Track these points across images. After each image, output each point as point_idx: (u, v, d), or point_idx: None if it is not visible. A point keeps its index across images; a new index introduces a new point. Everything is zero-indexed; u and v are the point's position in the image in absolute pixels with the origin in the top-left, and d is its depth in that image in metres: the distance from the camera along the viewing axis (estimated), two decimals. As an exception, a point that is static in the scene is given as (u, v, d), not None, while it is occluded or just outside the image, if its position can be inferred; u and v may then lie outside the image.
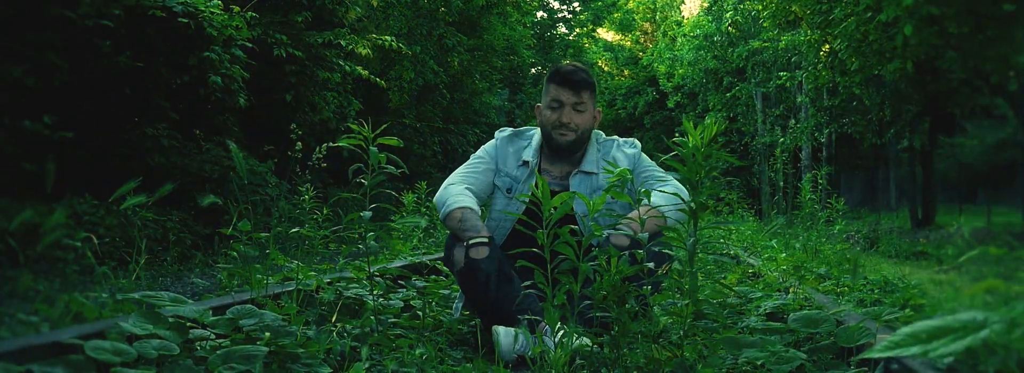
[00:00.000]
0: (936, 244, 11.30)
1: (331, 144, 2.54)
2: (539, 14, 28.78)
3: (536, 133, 3.46)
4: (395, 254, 5.01)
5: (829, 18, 13.06)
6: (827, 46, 14.54)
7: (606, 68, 36.32)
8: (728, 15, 23.33)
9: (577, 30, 31.92)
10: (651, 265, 2.27)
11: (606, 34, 36.90)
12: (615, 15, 34.38)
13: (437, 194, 3.31)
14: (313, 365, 2.15)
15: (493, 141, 3.50)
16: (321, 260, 4.83)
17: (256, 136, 9.76)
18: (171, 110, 7.96)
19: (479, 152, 3.49)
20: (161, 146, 7.59)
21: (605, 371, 2.20)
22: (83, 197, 6.52)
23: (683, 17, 33.07)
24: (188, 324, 2.22)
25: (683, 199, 2.25)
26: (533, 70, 27.62)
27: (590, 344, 2.28)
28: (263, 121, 9.91)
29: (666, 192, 2.55)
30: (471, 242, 2.98)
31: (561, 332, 2.26)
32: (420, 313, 2.92)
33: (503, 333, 2.85)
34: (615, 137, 3.51)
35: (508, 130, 3.54)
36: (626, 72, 36.17)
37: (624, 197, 2.31)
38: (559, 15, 31.08)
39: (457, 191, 3.27)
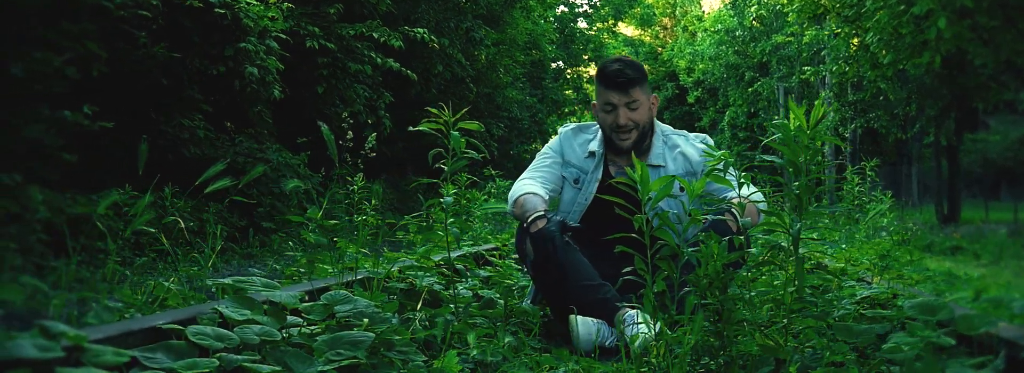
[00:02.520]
0: (970, 239, 11.19)
1: (411, 129, 2.48)
2: (560, 9, 28.65)
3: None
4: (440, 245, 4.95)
5: (860, 11, 12.92)
6: (856, 39, 14.40)
7: (625, 63, 36.08)
8: (752, 9, 23.16)
9: (598, 25, 31.78)
10: (753, 250, 2.20)
11: (625, 29, 36.77)
12: (635, 10, 34.26)
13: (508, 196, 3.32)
14: (408, 352, 2.09)
15: (557, 136, 3.53)
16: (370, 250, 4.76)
17: (288, 128, 9.72)
18: (203, 101, 7.91)
19: (544, 149, 3.52)
20: (197, 138, 7.54)
21: (707, 360, 2.13)
22: (123, 188, 6.48)
23: (703, 12, 32.91)
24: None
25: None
26: (554, 65, 27.50)
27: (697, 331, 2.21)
28: (294, 113, 9.86)
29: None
30: (530, 219, 2.98)
31: (659, 320, 2.19)
32: (500, 302, 2.86)
33: (581, 323, 2.79)
34: (684, 132, 3.47)
35: (572, 125, 3.56)
36: (646, 67, 36.02)
37: (725, 181, 2.24)
38: (580, 10, 30.93)
39: (523, 184, 3.30)
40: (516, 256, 4.81)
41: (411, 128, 2.64)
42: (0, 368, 1.40)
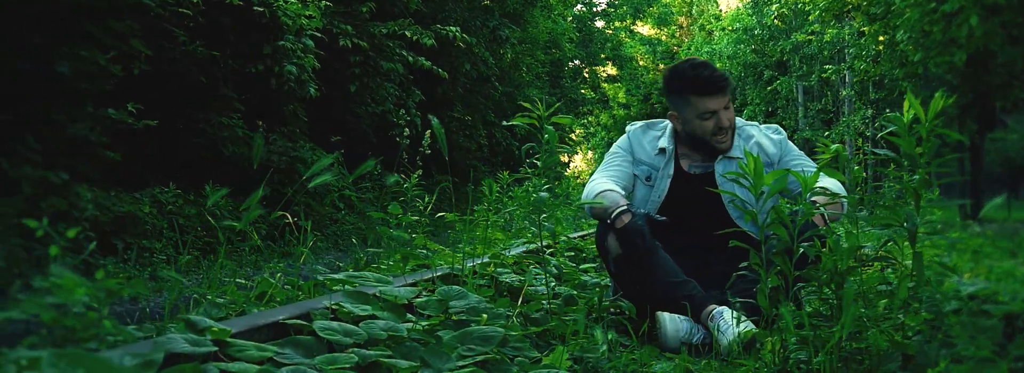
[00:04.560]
0: (1005, 236, 11.11)
1: (505, 123, 2.45)
2: (577, 7, 28.61)
3: (668, 123, 3.38)
4: (494, 243, 4.92)
5: (889, 9, 12.87)
6: (883, 37, 14.33)
7: (642, 62, 36.12)
8: (774, 7, 23.06)
9: (615, 23, 31.71)
10: (867, 246, 2.17)
11: (642, 28, 36.68)
12: (652, 9, 34.21)
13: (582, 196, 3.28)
14: (523, 349, 2.06)
15: (625, 135, 3.46)
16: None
17: (319, 126, 9.70)
18: (237, 100, 7.89)
19: (613, 148, 3.46)
20: (235, 136, 7.53)
21: (823, 357, 2.10)
22: (168, 186, 6.48)
23: (720, 11, 32.84)
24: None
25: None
26: (571, 63, 27.44)
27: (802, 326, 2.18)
28: (325, 112, 9.85)
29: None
30: (614, 214, 2.95)
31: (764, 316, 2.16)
32: (594, 298, 2.84)
33: (669, 320, 2.76)
34: (755, 122, 3.42)
35: (639, 123, 3.51)
36: (662, 66, 35.96)
37: (838, 175, 2.21)
38: (598, 9, 30.90)
39: (597, 183, 3.24)
40: (571, 253, 4.78)
41: (504, 122, 2.61)
42: (162, 364, 1.37)
